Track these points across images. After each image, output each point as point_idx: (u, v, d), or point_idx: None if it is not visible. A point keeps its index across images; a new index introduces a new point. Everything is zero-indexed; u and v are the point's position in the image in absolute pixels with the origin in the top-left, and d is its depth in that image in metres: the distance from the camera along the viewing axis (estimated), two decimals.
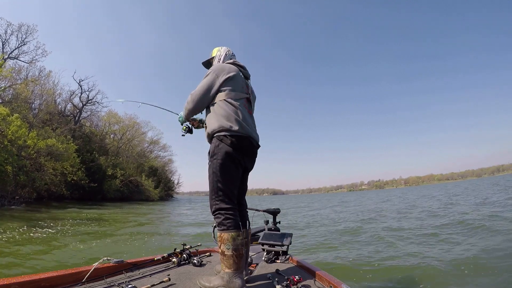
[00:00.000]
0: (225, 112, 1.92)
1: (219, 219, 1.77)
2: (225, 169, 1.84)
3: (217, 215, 1.78)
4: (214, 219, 1.80)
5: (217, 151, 1.85)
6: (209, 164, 1.88)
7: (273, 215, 3.44)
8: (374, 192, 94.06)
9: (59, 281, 1.51)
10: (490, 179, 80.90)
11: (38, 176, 19.31)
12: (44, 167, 20.37)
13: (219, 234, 1.74)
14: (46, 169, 20.40)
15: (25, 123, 19.18)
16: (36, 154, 19.87)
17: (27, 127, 19.12)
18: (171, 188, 57.55)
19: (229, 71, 2.02)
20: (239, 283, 1.65)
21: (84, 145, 29.47)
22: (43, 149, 20.07)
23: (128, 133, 42.47)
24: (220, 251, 1.71)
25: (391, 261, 4.75)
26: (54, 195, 23.39)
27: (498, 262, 4.19)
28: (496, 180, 58.39)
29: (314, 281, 1.80)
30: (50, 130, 23.30)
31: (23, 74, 26.23)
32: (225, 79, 1.98)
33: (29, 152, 19.18)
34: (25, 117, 21.31)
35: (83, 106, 32.44)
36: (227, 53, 2.25)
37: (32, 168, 19.49)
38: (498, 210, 9.85)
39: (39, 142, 19.50)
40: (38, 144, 19.34)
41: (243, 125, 1.92)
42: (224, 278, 1.67)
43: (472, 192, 23.55)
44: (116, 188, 32.72)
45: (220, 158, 1.84)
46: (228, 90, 1.98)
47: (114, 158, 36.30)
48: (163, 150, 53.86)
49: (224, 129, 1.87)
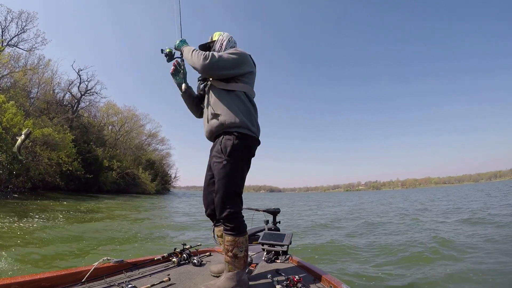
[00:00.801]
0: (246, 108, 1.78)
1: (234, 223, 1.67)
2: (243, 172, 1.76)
3: (233, 219, 1.68)
4: (223, 222, 1.71)
5: (237, 149, 1.69)
6: (224, 163, 1.69)
7: (273, 215, 3.40)
8: (374, 193, 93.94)
9: (59, 281, 1.51)
10: (488, 185, 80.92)
11: (33, 165, 18.98)
12: (39, 156, 20.06)
13: (232, 238, 1.66)
14: (42, 159, 20.10)
15: (21, 110, 18.87)
16: (32, 143, 19.55)
17: (22, 114, 18.79)
18: (168, 182, 57.33)
19: (253, 65, 1.89)
20: (247, 279, 1.69)
21: (81, 136, 29.11)
22: (39, 138, 19.75)
23: (126, 125, 42.08)
24: (230, 254, 1.66)
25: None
26: (49, 186, 22.99)
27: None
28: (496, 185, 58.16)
29: (314, 281, 1.80)
30: (47, 119, 22.96)
31: (21, 62, 25.86)
32: (249, 71, 1.85)
33: None
34: (22, 105, 21.04)
35: (82, 96, 32.02)
36: (230, 39, 2.02)
37: (27, 156, 19.18)
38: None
39: (35, 131, 19.19)
40: (34, 133, 19.02)
41: (259, 129, 1.85)
42: (234, 278, 1.63)
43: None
44: (113, 180, 32.44)
45: (241, 159, 1.73)
46: (248, 84, 1.84)
47: (112, 150, 36.01)
48: (161, 144, 53.55)
49: (247, 127, 1.73)
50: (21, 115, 18.63)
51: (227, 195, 1.68)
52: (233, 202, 1.68)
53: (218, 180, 1.70)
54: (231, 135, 1.70)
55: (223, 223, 1.71)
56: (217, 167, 1.71)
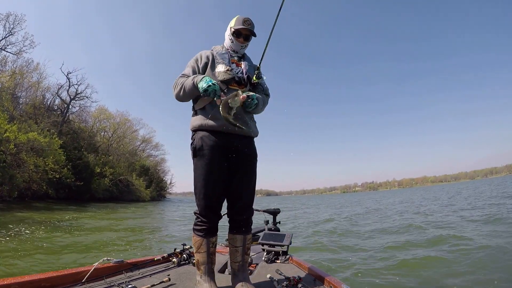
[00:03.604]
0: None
1: (251, 222, 1.85)
2: None
3: (251, 218, 1.84)
4: (245, 220, 1.79)
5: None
6: (255, 165, 1.83)
7: (273, 215, 3.40)
8: (373, 193, 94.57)
9: (59, 281, 1.51)
10: (484, 181, 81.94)
11: (16, 173, 17.70)
12: (25, 163, 18.81)
13: (250, 236, 1.80)
14: (27, 165, 18.86)
15: (4, 113, 17.75)
16: (16, 149, 18.32)
17: (6, 118, 17.65)
18: (164, 188, 55.81)
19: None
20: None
21: (71, 142, 27.81)
22: (24, 143, 18.55)
23: (119, 131, 40.84)
24: (247, 255, 1.78)
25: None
26: (37, 194, 21.54)
27: None
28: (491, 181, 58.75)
29: (314, 281, 1.79)
30: (34, 124, 21.79)
31: (8, 66, 24.78)
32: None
33: (8, 146, 17.63)
34: (7, 109, 19.92)
35: (71, 101, 30.74)
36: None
37: (12, 163, 17.94)
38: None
39: (20, 135, 18.02)
40: (18, 138, 17.87)
41: None
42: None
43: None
44: (105, 187, 31.03)
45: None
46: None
47: (104, 156, 34.74)
48: (155, 149, 52.22)
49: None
50: (4, 118, 17.50)
51: (253, 196, 1.81)
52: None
53: (250, 178, 1.77)
54: (253, 140, 1.88)
55: (245, 222, 1.78)
56: (252, 166, 1.79)
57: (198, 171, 1.68)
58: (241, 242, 1.74)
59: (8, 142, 17.65)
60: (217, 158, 1.68)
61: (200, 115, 1.73)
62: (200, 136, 1.70)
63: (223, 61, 1.78)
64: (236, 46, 1.86)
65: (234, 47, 1.87)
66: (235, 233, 1.76)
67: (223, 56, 1.81)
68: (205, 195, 1.67)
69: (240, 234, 1.75)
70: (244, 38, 1.86)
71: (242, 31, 1.83)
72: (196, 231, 1.69)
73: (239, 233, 1.75)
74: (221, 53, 1.84)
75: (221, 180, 1.69)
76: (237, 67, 1.82)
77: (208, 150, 1.67)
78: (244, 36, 1.85)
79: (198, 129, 1.72)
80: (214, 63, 1.79)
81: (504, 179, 71.52)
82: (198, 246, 1.67)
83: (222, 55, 1.82)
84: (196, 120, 1.74)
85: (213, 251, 1.71)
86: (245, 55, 1.96)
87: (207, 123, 1.69)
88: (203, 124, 1.70)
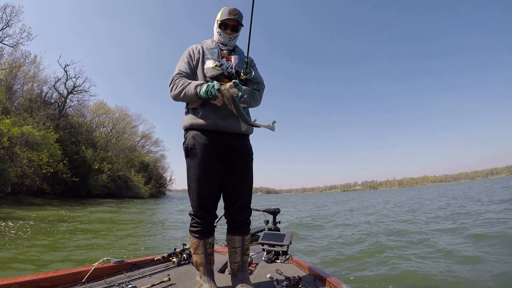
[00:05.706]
0: None
1: (249, 222, 1.81)
2: None
3: (249, 218, 1.80)
4: (243, 221, 1.75)
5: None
6: (251, 162, 1.79)
7: (273, 215, 3.37)
8: (374, 192, 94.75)
9: (59, 281, 1.50)
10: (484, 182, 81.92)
11: (6, 167, 16.97)
12: (18, 157, 18.13)
13: (249, 237, 1.77)
14: (20, 160, 18.17)
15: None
16: (9, 143, 17.64)
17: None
18: (163, 185, 55.24)
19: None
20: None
21: (68, 136, 27.12)
22: (17, 137, 17.86)
23: (118, 126, 40.14)
24: (246, 255, 1.75)
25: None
26: (31, 190, 20.82)
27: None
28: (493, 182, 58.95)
29: (314, 281, 1.77)
30: (29, 117, 21.13)
31: (5, 58, 24.07)
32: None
33: (0, 140, 16.95)
34: (0, 102, 19.24)
35: (69, 94, 30.01)
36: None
37: (4, 157, 17.26)
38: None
39: (13, 129, 17.34)
40: (11, 131, 17.19)
41: None
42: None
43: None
44: (103, 183, 30.38)
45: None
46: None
47: (103, 152, 34.10)
48: (155, 145, 51.45)
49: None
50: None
51: (250, 195, 1.78)
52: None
53: (247, 178, 1.73)
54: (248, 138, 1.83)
55: (243, 223, 1.74)
56: (247, 165, 1.74)
57: (191, 171, 1.65)
58: (240, 243, 1.72)
59: (1, 135, 17.01)
60: (210, 157, 1.64)
61: (191, 114, 1.69)
62: (192, 135, 1.67)
63: (212, 56, 1.74)
64: (224, 38, 1.80)
65: (222, 39, 1.80)
66: (233, 234, 1.73)
67: (212, 51, 1.77)
68: (199, 195, 1.63)
69: (239, 235, 1.73)
70: (232, 29, 1.79)
71: (228, 22, 1.77)
72: (192, 232, 1.67)
73: (238, 234, 1.73)
74: (211, 48, 1.79)
75: (215, 180, 1.65)
76: (227, 61, 1.77)
77: (200, 149, 1.63)
78: (232, 27, 1.78)
79: (190, 128, 1.69)
80: (203, 58, 1.75)
81: (504, 179, 70.89)
82: (196, 247, 1.66)
83: (211, 50, 1.78)
84: (187, 119, 1.70)
85: (211, 251, 1.69)
86: (237, 47, 1.89)
87: (197, 122, 1.65)
88: (193, 123, 1.66)
